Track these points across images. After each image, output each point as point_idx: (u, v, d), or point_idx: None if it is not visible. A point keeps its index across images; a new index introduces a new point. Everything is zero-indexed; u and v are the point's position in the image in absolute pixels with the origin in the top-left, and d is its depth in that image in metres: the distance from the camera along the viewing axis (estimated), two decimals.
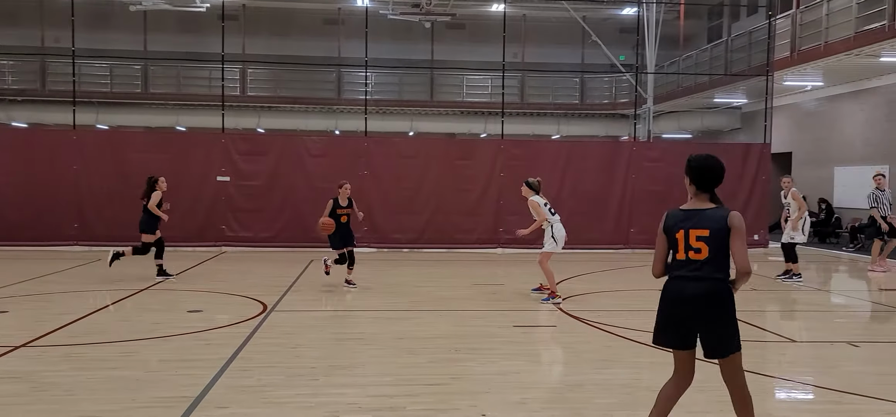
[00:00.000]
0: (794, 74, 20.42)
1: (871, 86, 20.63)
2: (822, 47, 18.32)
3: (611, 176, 17.34)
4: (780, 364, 6.81)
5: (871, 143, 20.68)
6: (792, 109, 24.35)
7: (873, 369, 6.70)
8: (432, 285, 11.61)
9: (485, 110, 27.36)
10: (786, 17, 20.42)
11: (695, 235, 4.04)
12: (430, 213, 16.85)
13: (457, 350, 6.91)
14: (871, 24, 16.75)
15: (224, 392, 5.44)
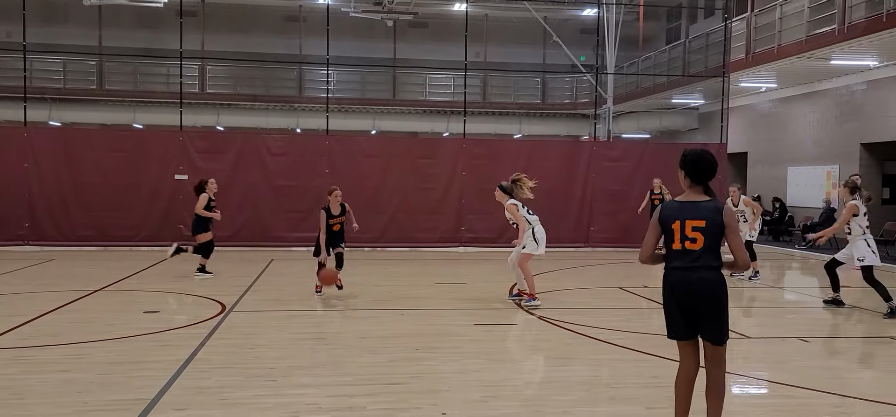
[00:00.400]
0: (749, 76, 20.90)
1: (822, 89, 21.21)
2: (775, 50, 18.78)
3: (572, 175, 17.51)
4: (734, 360, 6.95)
5: (823, 144, 21.27)
6: (747, 110, 24.90)
7: (822, 363, 6.90)
8: (394, 284, 11.59)
9: (447, 109, 27.39)
10: (741, 20, 20.88)
11: (691, 225, 4.14)
12: (393, 212, 16.81)
13: (417, 349, 6.91)
14: (822, 28, 17.22)
15: (181, 394, 5.35)
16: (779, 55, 18.63)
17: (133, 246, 15.60)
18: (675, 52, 25.43)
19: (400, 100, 28.64)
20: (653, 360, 6.66)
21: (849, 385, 5.92)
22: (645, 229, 4.52)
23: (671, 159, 17.63)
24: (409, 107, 28.65)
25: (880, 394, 5.63)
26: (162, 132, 18.31)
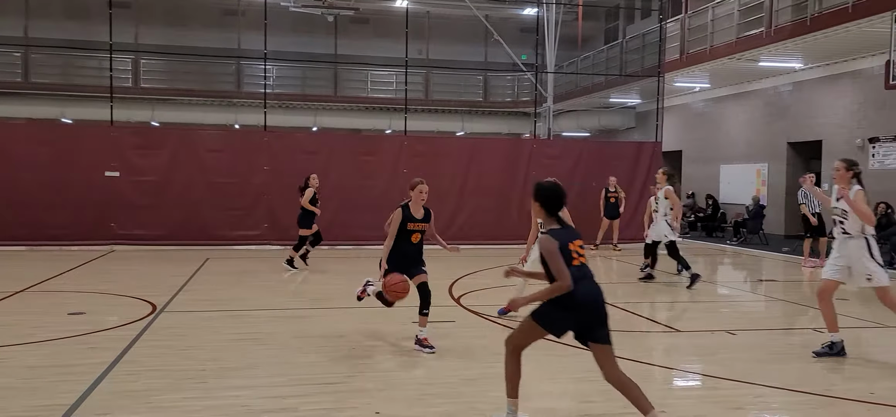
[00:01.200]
0: (683, 76, 21.50)
1: (751, 89, 21.97)
2: (708, 51, 19.37)
3: (513, 172, 17.69)
4: (664, 353, 7.15)
5: (753, 143, 22.04)
6: (682, 109, 25.60)
7: (748, 355, 7.14)
8: (335, 282, 11.49)
9: (390, 106, 27.29)
10: (676, 22, 21.44)
11: (578, 244, 4.51)
12: (334, 209, 16.63)
13: (354, 348, 6.87)
14: (751, 31, 17.83)
15: (105, 399, 5.18)
16: (711, 56, 19.22)
17: (62, 246, 15.04)
18: (613, 52, 25.97)
19: (341, 96, 28.39)
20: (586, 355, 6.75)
21: (770, 375, 6.14)
22: (582, 227, 4.59)
23: (609, 157, 18.17)
24: (350, 103, 28.42)
25: (798, 384, 5.87)
26: (92, 127, 17.69)
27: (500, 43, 22.07)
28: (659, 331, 8.06)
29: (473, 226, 16.96)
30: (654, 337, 7.84)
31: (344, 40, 28.78)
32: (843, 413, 5.20)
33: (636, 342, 7.58)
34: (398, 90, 25.54)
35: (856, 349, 7.51)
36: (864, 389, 5.69)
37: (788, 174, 20.59)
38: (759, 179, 21.57)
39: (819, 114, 19.33)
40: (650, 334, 7.92)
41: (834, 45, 16.47)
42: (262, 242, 16.22)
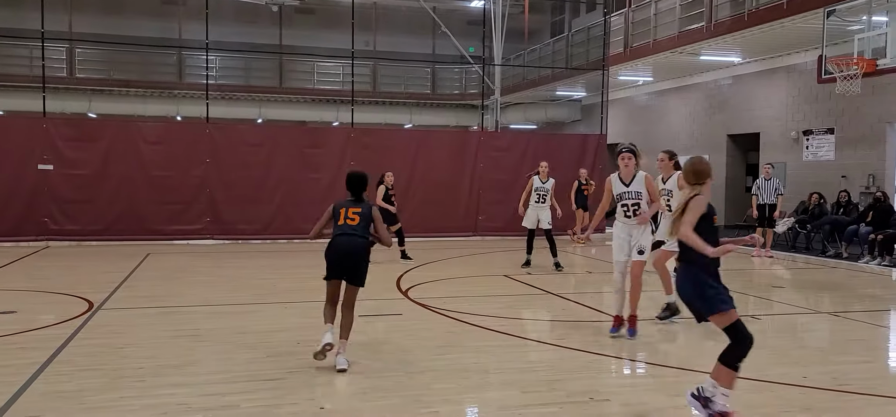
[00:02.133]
0: (627, 69, 21.85)
1: (693, 83, 22.48)
2: (650, 45, 19.71)
3: (461, 165, 17.70)
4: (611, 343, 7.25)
5: (694, 135, 22.56)
6: (626, 102, 26.04)
7: (687, 342, 7.30)
8: (279, 277, 11.30)
9: (336, 98, 27.02)
10: (620, 16, 21.76)
11: (351, 211, 6.25)
12: (279, 203, 16.40)
13: (299, 343, 6.75)
14: (693, 25, 18.23)
15: (36, 400, 4.97)
16: (654, 50, 19.58)
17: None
18: (559, 46, 26.23)
19: (287, 88, 27.98)
20: (532, 345, 6.83)
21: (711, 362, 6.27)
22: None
23: (556, 149, 18.32)
24: (296, 95, 28.03)
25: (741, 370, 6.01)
26: (23, 118, 16.99)
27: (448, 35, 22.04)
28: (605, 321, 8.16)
29: (421, 219, 16.90)
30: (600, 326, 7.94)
31: (289, 31, 28.33)
32: (777, 396, 5.35)
33: (584, 332, 7.66)
34: (345, 82, 25.26)
35: (790, 335, 7.76)
36: (797, 374, 5.87)
37: (728, 165, 21.17)
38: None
39: (756, 107, 19.91)
40: (597, 324, 8.02)
41: (770, 39, 16.96)
42: (204, 237, 15.86)
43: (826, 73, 12.74)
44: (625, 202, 7.27)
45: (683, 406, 5.13)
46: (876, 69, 11.95)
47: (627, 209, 7.24)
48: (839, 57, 12.55)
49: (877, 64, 11.87)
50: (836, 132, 17.37)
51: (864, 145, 16.53)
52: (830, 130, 17.52)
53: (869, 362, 6.34)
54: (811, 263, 13.84)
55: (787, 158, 18.66)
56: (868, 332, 7.86)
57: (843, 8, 12.73)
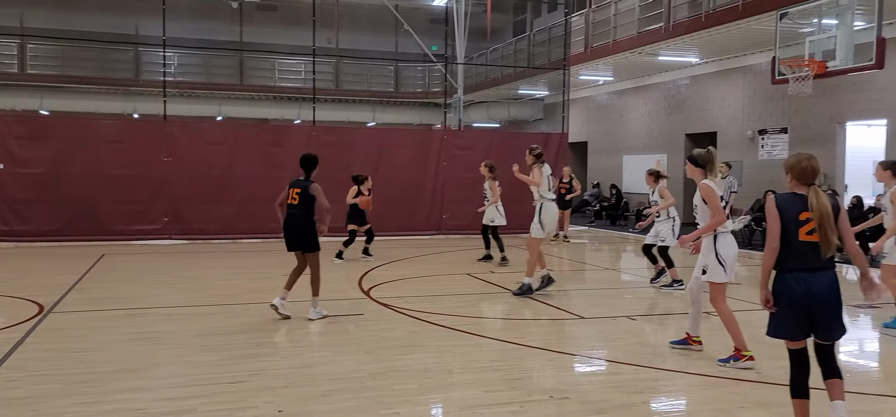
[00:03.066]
0: (588, 69, 22.08)
1: (652, 82, 22.83)
2: (611, 45, 19.95)
3: (424, 163, 17.69)
4: (569, 340, 7.34)
5: (653, 134, 22.92)
6: (587, 102, 26.32)
7: (645, 339, 7.43)
8: (241, 277, 11.16)
9: (298, 96, 26.77)
10: (580, 16, 21.99)
11: (294, 192, 7.53)
12: (240, 202, 16.19)
13: (259, 345, 6.69)
14: (652, 26, 18.51)
15: None
16: (614, 50, 19.82)
17: None
18: (521, 45, 26.40)
19: (248, 85, 27.64)
20: (493, 344, 6.87)
21: (666, 359, 6.40)
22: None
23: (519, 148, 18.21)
24: (257, 92, 27.70)
25: (690, 366, 6.14)
26: None
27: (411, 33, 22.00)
28: (566, 319, 8.25)
29: (383, 217, 16.83)
30: (561, 324, 8.03)
31: (250, 27, 27.99)
32: (731, 391, 5.47)
33: (546, 330, 7.74)
34: (307, 79, 25.06)
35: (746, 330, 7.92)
36: (751, 369, 6.01)
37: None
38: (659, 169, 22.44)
39: (714, 107, 20.30)
40: (559, 322, 8.10)
41: (726, 41, 17.31)
42: (164, 237, 15.59)
43: (779, 75, 13.06)
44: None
45: (642, 404, 5.23)
46: (826, 71, 12.29)
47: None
48: (792, 59, 12.88)
49: (827, 66, 12.21)
50: (789, 132, 17.81)
51: (816, 144, 16.96)
52: (784, 130, 17.96)
53: None
54: None
55: (743, 157, 19.07)
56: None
57: (795, 11, 13.06)
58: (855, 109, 16.27)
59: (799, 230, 4.14)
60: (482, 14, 24.38)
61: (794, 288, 4.12)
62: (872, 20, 11.63)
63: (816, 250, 4.11)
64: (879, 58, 11.40)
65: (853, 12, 12.00)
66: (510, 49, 27.18)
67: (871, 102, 15.91)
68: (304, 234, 7.57)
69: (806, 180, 4.25)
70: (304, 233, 7.57)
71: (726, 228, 6.25)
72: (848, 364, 6.62)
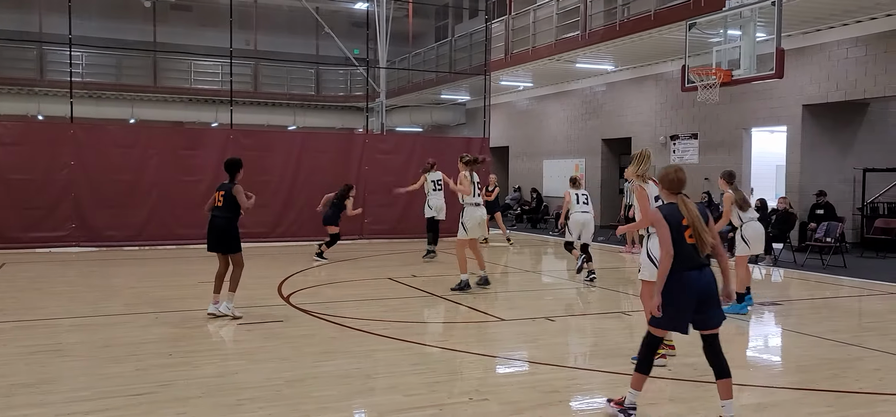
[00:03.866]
0: (508, 75, 22.42)
1: (570, 89, 23.38)
2: (530, 51, 20.33)
3: (346, 167, 17.49)
4: (488, 342, 7.39)
5: (572, 139, 23.46)
6: (508, 107, 26.71)
7: (564, 340, 7.57)
8: (152, 285, 10.74)
9: (215, 98, 26.06)
10: (501, 22, 22.31)
11: (219, 194, 7.89)
12: (152, 207, 15.62)
13: (171, 354, 6.44)
14: (569, 34, 18.96)
15: None
16: (533, 56, 20.21)
17: None
18: (443, 50, 26.55)
19: (162, 87, 26.70)
20: (414, 348, 6.85)
21: (584, 358, 6.54)
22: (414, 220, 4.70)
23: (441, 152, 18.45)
24: (172, 94, 26.80)
25: (605, 365, 6.30)
26: None
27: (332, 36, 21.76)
28: (487, 321, 8.32)
29: (304, 222, 16.62)
30: (482, 327, 8.09)
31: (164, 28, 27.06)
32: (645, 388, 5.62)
33: (466, 332, 7.78)
34: (224, 81, 24.43)
35: None
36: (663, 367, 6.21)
37: (603, 168, 22.16)
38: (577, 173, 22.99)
39: (628, 113, 20.97)
40: (479, 325, 8.16)
41: (639, 49, 17.92)
42: (69, 244, 14.85)
43: (689, 82, 13.59)
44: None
45: (559, 403, 5.32)
46: (732, 79, 12.88)
47: None
48: (700, 67, 13.43)
49: (733, 74, 12.80)
50: (699, 137, 18.59)
51: (724, 149, 17.77)
52: (694, 135, 18.73)
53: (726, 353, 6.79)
54: None
55: (656, 162, 19.66)
56: (725, 324, 8.43)
57: (703, 21, 13.64)
58: (759, 116, 17.13)
59: (684, 234, 4.61)
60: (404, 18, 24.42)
61: (691, 286, 4.60)
62: (773, 32, 12.26)
63: (697, 250, 4.62)
64: (779, 67, 12.03)
65: (755, 24, 12.62)
66: (432, 54, 27.29)
67: (773, 110, 16.79)
68: (226, 236, 7.86)
69: (675, 190, 4.79)
70: (226, 235, 7.86)
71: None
72: (752, 359, 6.94)
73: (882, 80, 14.71)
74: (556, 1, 19.75)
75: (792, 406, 5.33)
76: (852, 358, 6.67)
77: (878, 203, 16.23)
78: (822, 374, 6.19)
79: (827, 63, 15.65)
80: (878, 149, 16.77)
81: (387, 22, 22.09)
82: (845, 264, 13.24)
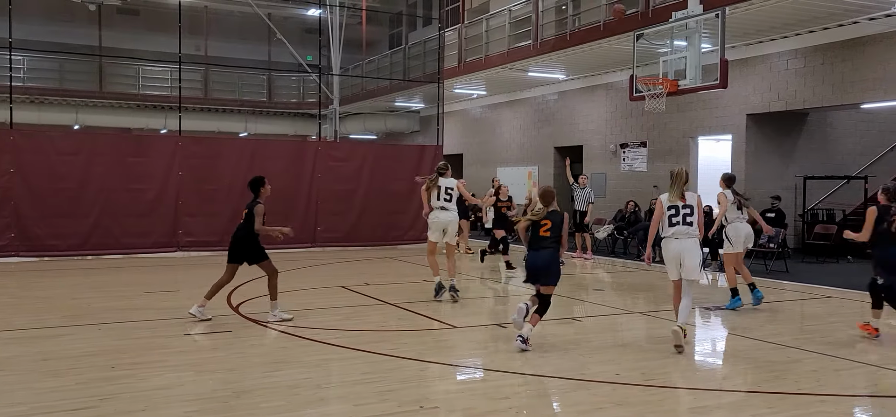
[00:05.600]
0: (462, 83, 22.53)
1: (523, 97, 23.61)
2: (483, 60, 20.48)
3: (298, 175, 17.33)
4: (440, 349, 7.40)
5: (525, 147, 23.68)
6: (462, 115, 26.84)
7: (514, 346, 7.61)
8: (96, 296, 10.45)
9: (164, 104, 25.55)
10: (454, 31, 22.43)
11: (243, 212, 8.23)
12: (97, 216, 15.21)
13: (114, 366, 6.28)
14: (521, 43, 19.17)
15: None
16: (486, 65, 20.37)
17: None
18: (397, 58, 26.56)
19: (108, 92, 26.06)
20: (365, 357, 6.82)
21: (533, 364, 6.60)
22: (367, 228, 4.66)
23: (395, 160, 18.46)
24: (119, 100, 26.19)
25: (556, 371, 6.37)
26: None
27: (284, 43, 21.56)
28: (438, 328, 8.33)
29: None
30: (434, 334, 8.09)
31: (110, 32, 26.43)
32: (593, 393, 5.72)
33: (418, 340, 7.77)
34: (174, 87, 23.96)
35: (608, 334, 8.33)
36: (611, 371, 6.31)
37: (555, 175, 22.41)
38: (530, 181, 23.24)
39: (580, 122, 21.28)
40: (431, 332, 8.16)
41: (590, 59, 18.22)
42: (8, 254, 14.35)
43: (637, 92, 13.86)
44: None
45: (507, 409, 5.35)
46: (678, 89, 13.19)
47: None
48: (648, 77, 13.72)
49: (679, 84, 13.11)
50: (648, 145, 18.96)
51: (672, 157, 18.17)
52: (643, 144, 19.10)
53: (673, 357, 6.95)
54: (628, 266, 14.98)
55: (606, 169, 20.09)
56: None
57: (650, 32, 13.94)
58: (705, 125, 17.57)
59: (539, 231, 7.14)
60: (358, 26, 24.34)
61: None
62: (717, 43, 12.61)
63: (541, 239, 7.15)
64: (723, 77, 12.37)
65: (700, 35, 12.96)
66: (386, 61, 27.27)
67: (717, 119, 17.24)
68: (241, 245, 8.35)
69: (545, 202, 7.20)
70: (241, 243, 8.35)
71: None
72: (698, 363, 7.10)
73: (820, 91, 15.25)
74: (508, 11, 19.95)
75: (735, 408, 5.46)
76: (792, 361, 6.88)
77: (818, 209, 16.81)
78: (764, 376, 6.37)
79: (769, 74, 16.16)
80: (818, 157, 17.38)
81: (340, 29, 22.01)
82: (787, 269, 13.66)
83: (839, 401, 5.64)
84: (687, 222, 7.22)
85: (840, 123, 17.86)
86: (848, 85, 14.75)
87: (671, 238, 7.29)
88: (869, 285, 7.86)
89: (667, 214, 7.30)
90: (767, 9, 13.50)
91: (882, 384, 6.27)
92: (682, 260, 7.21)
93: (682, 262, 7.21)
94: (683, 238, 7.22)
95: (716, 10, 12.49)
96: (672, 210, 7.27)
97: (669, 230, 7.30)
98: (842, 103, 15.18)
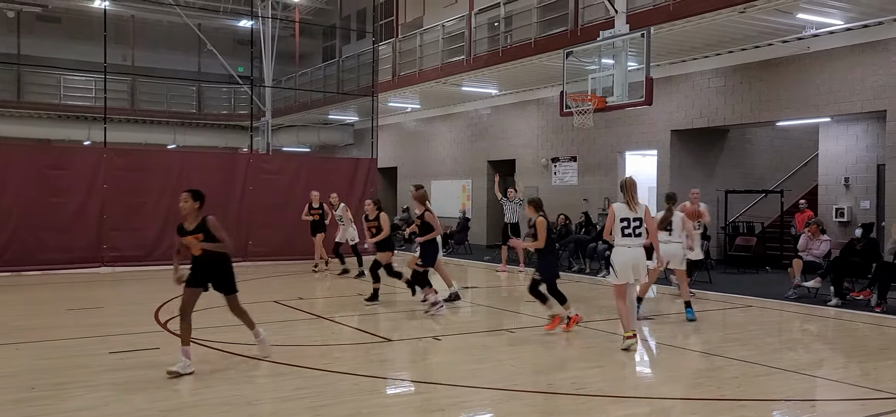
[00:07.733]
0: (396, 96, 22.59)
1: (457, 111, 23.84)
2: (417, 74, 20.60)
3: (229, 188, 16.99)
4: (376, 363, 7.39)
5: (459, 161, 23.89)
6: (396, 128, 26.87)
7: (450, 358, 7.68)
8: (11, 313, 9.97)
9: (88, 115, 24.66)
10: (388, 45, 22.49)
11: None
12: (12, 230, 14.55)
13: (33, 387, 6.02)
14: (455, 58, 19.38)
15: None
16: (420, 79, 20.49)
17: None
18: (331, 70, 26.43)
19: (26, 102, 24.98)
20: (297, 371, 6.74)
21: (467, 375, 6.67)
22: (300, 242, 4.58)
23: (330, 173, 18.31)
24: (38, 110, 25.13)
25: (491, 382, 6.45)
26: None
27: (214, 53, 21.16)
28: (373, 342, 8.31)
29: None
30: (368, 348, 8.07)
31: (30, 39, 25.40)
32: (524, 403, 5.82)
33: (352, 354, 7.73)
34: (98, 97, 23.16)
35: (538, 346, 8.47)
36: (543, 381, 6.44)
37: (488, 189, 22.67)
38: (464, 194, 23.45)
39: (512, 136, 21.62)
40: (365, 346, 8.13)
41: (522, 75, 18.57)
42: None
43: (567, 108, 14.20)
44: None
45: None
46: (606, 105, 13.58)
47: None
48: (577, 93, 14.08)
49: (606, 101, 13.50)
50: (578, 160, 19.42)
51: (601, 171, 18.66)
52: (574, 158, 19.55)
53: (601, 367, 7.14)
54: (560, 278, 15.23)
55: (538, 182, 20.45)
56: (603, 340, 8.84)
57: (579, 50, 14.33)
58: (631, 140, 18.13)
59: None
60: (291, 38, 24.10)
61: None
62: (643, 61, 13.06)
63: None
64: (649, 95, 12.82)
65: (627, 54, 13.41)
66: (320, 74, 27.09)
67: (643, 135, 17.82)
68: (216, 270, 7.29)
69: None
70: (215, 269, 7.28)
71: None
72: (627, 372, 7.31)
73: (739, 109, 15.97)
74: (441, 26, 20.14)
75: (663, 414, 5.65)
76: (715, 368, 7.16)
77: (738, 222, 17.55)
78: (689, 384, 6.62)
79: (691, 92, 16.83)
80: (738, 172, 18.16)
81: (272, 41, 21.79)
82: (711, 280, 14.18)
83: (758, 406, 5.91)
84: (637, 233, 7.92)
85: (758, 139, 18.73)
86: (764, 103, 15.50)
87: (624, 247, 7.90)
88: None
89: (619, 225, 7.90)
90: (690, 29, 14.08)
91: (796, 388, 6.61)
92: (636, 265, 7.89)
93: (635, 267, 7.91)
94: (635, 247, 7.91)
95: (641, 29, 12.94)
96: (624, 222, 7.92)
97: (623, 240, 7.90)
98: (759, 120, 15.93)
